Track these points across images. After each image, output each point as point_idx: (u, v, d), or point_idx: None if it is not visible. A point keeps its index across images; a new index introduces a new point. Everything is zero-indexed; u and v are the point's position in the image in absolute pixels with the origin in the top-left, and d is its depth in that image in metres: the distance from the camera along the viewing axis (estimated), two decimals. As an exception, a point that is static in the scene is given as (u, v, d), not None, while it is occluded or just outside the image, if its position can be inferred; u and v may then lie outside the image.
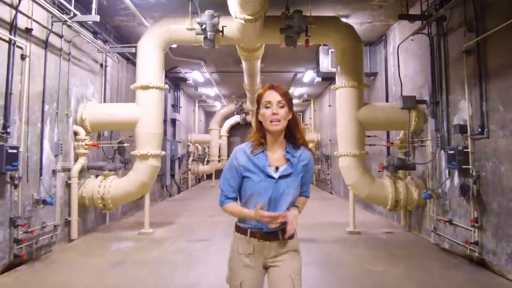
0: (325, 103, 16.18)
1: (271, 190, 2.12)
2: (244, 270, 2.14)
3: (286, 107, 2.11)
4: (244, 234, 2.17)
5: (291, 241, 2.20)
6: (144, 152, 6.72)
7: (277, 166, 2.14)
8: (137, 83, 6.92)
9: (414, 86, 7.33)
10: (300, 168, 2.18)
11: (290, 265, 2.16)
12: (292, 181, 2.15)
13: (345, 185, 13.22)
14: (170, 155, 13.33)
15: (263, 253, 2.15)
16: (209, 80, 13.70)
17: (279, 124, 2.09)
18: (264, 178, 2.12)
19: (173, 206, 11.10)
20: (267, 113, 2.09)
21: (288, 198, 2.15)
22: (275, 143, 2.17)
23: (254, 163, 2.15)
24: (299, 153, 2.18)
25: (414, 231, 7.28)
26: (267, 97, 2.12)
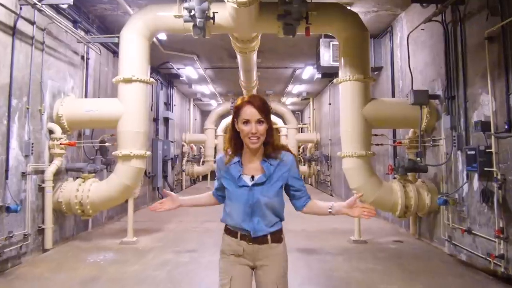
0: (325, 101, 15.52)
1: (245, 198, 2.16)
2: (233, 268, 2.20)
3: (265, 123, 2.13)
4: (234, 237, 2.22)
5: (279, 245, 2.24)
6: (126, 152, 6.04)
7: (253, 175, 2.18)
8: (119, 75, 6.24)
9: (424, 80, 6.67)
10: (278, 175, 2.20)
11: (276, 270, 2.21)
12: (267, 189, 2.17)
13: (347, 187, 12.56)
14: (162, 155, 12.64)
15: (252, 255, 2.20)
16: (203, 76, 13.03)
17: (257, 143, 2.13)
18: (237, 188, 2.19)
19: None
20: (246, 130, 2.10)
21: (265, 207, 2.16)
22: (253, 152, 2.19)
23: (229, 172, 2.23)
24: (278, 159, 2.20)
25: (424, 239, 6.63)
26: (245, 114, 2.11)
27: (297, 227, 7.51)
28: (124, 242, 6.25)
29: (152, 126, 12.12)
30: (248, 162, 2.22)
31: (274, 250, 2.21)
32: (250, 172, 2.19)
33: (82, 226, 7.31)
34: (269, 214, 2.18)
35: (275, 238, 2.21)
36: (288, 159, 2.23)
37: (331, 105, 14.48)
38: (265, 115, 2.13)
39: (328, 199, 13.22)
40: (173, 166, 14.95)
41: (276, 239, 2.22)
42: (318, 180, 17.38)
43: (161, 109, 13.12)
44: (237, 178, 2.19)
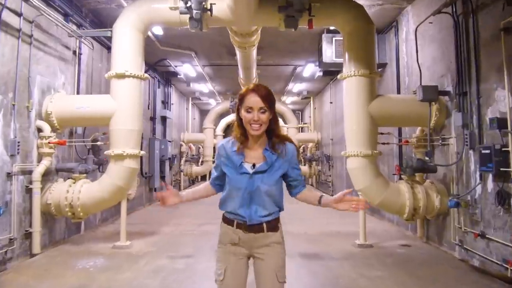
0: (326, 100, 15.20)
1: (245, 185, 2.17)
2: (229, 257, 2.21)
3: (268, 112, 2.14)
4: (230, 225, 2.23)
5: (275, 233, 2.25)
6: (119, 151, 5.71)
7: (254, 163, 2.20)
8: (111, 71, 5.92)
9: (432, 76, 6.35)
10: (279, 164, 2.21)
11: (273, 259, 2.21)
12: (268, 177, 2.18)
13: (349, 187, 12.18)
14: (160, 155, 12.31)
15: (248, 244, 2.20)
16: (201, 74, 12.70)
17: (259, 129, 2.14)
18: (238, 174, 2.19)
19: (159, 211, 10.08)
20: (248, 117, 2.13)
21: (264, 194, 2.17)
22: (255, 140, 2.21)
23: (231, 159, 2.23)
24: (281, 149, 2.22)
25: (433, 243, 6.31)
26: (249, 102, 2.14)
27: (298, 229, 7.20)
28: (117, 247, 5.93)
29: (149, 125, 11.80)
30: (250, 150, 2.23)
31: (270, 239, 2.22)
32: (252, 160, 2.21)
33: (74, 229, 6.98)
34: (268, 202, 2.19)
35: (271, 227, 2.22)
36: (290, 149, 2.26)
37: (332, 104, 14.17)
38: (268, 104, 2.15)
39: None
40: (171, 166, 14.63)
41: (272, 228, 2.23)
42: (319, 180, 17.07)
43: (159, 107, 12.80)
44: (238, 165, 2.20)
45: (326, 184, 15.19)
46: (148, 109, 11.62)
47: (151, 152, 11.71)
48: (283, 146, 2.24)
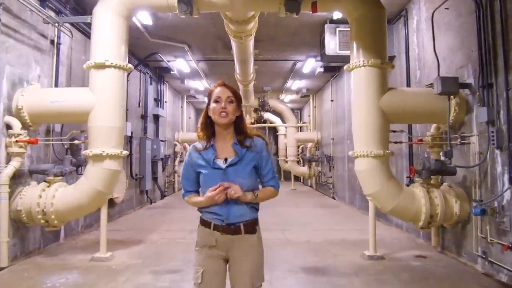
0: (327, 98, 14.57)
1: (219, 180, 2.15)
2: (206, 260, 2.21)
3: (235, 103, 2.23)
4: (207, 227, 2.23)
5: (253, 236, 2.24)
6: (97, 151, 5.04)
7: (226, 157, 2.22)
8: (90, 60, 5.25)
9: (449, 67, 5.71)
10: (250, 157, 2.24)
11: (250, 262, 2.21)
12: (241, 169, 2.21)
13: (351, 189, 11.66)
14: (151, 155, 11.65)
15: (225, 246, 2.20)
16: (196, 70, 12.03)
17: (227, 117, 2.19)
18: (212, 170, 2.22)
19: (150, 215, 9.42)
20: (217, 107, 2.20)
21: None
22: (224, 136, 2.27)
23: (203, 157, 2.25)
24: (249, 143, 2.26)
25: (449, 254, 5.67)
26: (217, 93, 2.23)
27: (300, 238, 6.55)
28: (95, 259, 5.25)
29: (140, 123, 11.13)
30: (221, 147, 2.26)
31: (247, 242, 2.21)
32: (223, 155, 2.24)
33: (52, 237, 6.30)
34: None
35: (248, 229, 2.21)
36: (258, 142, 2.29)
37: (333, 102, 13.54)
38: (235, 96, 2.24)
39: (330, 202, 12.25)
40: (164, 167, 13.95)
41: (250, 230, 2.22)
42: (318, 181, 16.42)
43: (151, 105, 12.13)
44: (211, 161, 2.22)
45: (327, 186, 14.55)
46: (138, 107, 10.97)
47: (142, 152, 11.05)
48: (251, 140, 2.27)
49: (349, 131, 11.64)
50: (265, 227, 2.67)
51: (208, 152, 2.24)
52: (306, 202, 12.14)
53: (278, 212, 9.50)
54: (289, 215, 9.20)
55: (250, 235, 2.22)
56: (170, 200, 12.74)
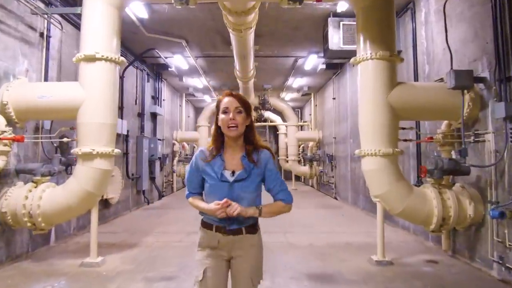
0: (328, 96, 14.24)
1: (225, 193, 2.16)
2: (208, 259, 2.22)
3: (244, 113, 2.20)
4: (209, 229, 2.25)
5: (254, 236, 2.26)
6: (87, 149, 4.72)
7: (233, 170, 2.21)
8: (79, 53, 4.93)
9: (461, 61, 5.38)
10: (258, 172, 2.23)
11: (250, 260, 2.23)
12: (247, 185, 2.20)
13: (355, 190, 11.34)
14: (149, 154, 11.32)
15: (227, 247, 2.22)
16: (194, 67, 11.71)
17: (236, 130, 2.17)
18: (219, 182, 2.20)
19: (147, 217, 9.09)
20: (225, 119, 2.17)
21: (244, 202, 2.18)
22: (233, 147, 2.25)
23: (211, 166, 2.23)
24: (257, 156, 2.24)
25: (461, 258, 5.34)
26: (225, 103, 2.19)
27: (302, 241, 6.23)
28: (86, 264, 4.92)
29: (137, 122, 10.81)
30: (230, 158, 2.23)
31: (249, 241, 2.23)
32: (231, 167, 2.21)
33: (41, 240, 5.98)
34: None
35: (249, 230, 2.24)
36: (263, 156, 2.26)
37: (335, 100, 13.22)
38: (244, 107, 2.20)
39: (332, 202, 11.93)
40: (162, 166, 13.63)
41: (251, 231, 2.25)
42: (320, 181, 16.09)
43: (148, 103, 11.80)
44: (219, 172, 2.20)
45: (329, 186, 14.23)
46: (135, 105, 10.64)
47: (138, 151, 10.72)
48: (257, 154, 2.25)
49: (352, 129, 11.34)
50: (265, 229, 2.56)
51: (216, 162, 2.23)
52: (308, 202, 11.82)
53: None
54: (290, 217, 8.81)
55: (251, 235, 2.25)
56: (168, 201, 12.42)
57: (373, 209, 9.31)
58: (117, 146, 8.96)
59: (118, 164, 9.26)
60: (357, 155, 5.16)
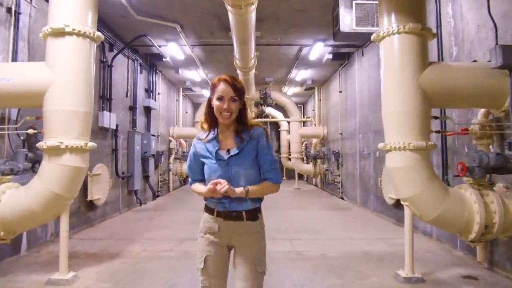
0: (334, 89, 13.39)
1: (222, 171, 2.19)
2: (209, 247, 2.22)
3: (238, 101, 2.20)
4: (211, 214, 2.25)
5: (255, 223, 2.24)
6: (54, 143, 3.89)
7: (228, 148, 2.24)
8: (46, 26, 4.08)
9: (503, 37, 4.51)
10: (251, 148, 2.24)
11: (252, 248, 2.21)
12: (242, 160, 2.21)
13: (364, 189, 10.49)
14: (141, 151, 10.48)
15: (228, 233, 2.22)
16: (191, 57, 10.85)
17: (229, 118, 2.20)
18: (215, 161, 2.23)
19: (137, 219, 8.25)
20: (219, 105, 2.17)
21: (242, 179, 2.19)
22: (227, 128, 2.28)
23: (207, 148, 2.28)
24: (250, 133, 2.25)
25: (501, 271, 4.50)
26: (220, 91, 2.18)
27: (312, 251, 5.39)
28: (52, 282, 4.07)
29: (128, 116, 9.96)
30: (224, 138, 2.28)
31: (250, 229, 2.22)
32: (226, 147, 2.25)
33: (10, 249, 5.12)
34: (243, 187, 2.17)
35: (250, 216, 2.22)
36: (258, 131, 2.27)
37: (342, 93, 12.37)
38: (239, 94, 2.20)
39: (339, 203, 11.09)
40: (157, 164, 12.79)
41: (252, 217, 2.23)
42: (324, 180, 15.25)
43: (141, 96, 10.96)
44: (214, 152, 2.24)
45: (334, 185, 13.38)
46: (126, 97, 9.79)
47: (130, 147, 9.88)
48: (250, 131, 2.26)
49: (361, 124, 10.51)
50: (269, 236, 2.37)
51: (211, 143, 2.27)
52: (313, 203, 10.98)
53: (283, 216, 8.34)
54: (295, 220, 8.03)
55: (252, 222, 2.22)
56: (163, 201, 11.56)
57: (386, 211, 8.51)
58: (105, 141, 8.08)
59: (106, 161, 8.43)
60: (381, 149, 4.30)
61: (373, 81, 9.22)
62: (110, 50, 8.73)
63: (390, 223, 7.66)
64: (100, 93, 8.18)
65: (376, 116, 9.02)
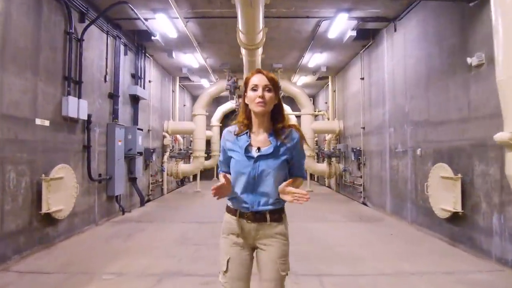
0: (354, 76, 11.52)
1: (249, 168, 2.12)
2: (232, 248, 2.17)
3: (273, 92, 2.15)
4: (233, 215, 2.18)
5: (279, 225, 2.17)
6: None
7: (259, 146, 2.16)
8: None
9: None
10: (285, 149, 2.15)
11: (276, 250, 2.14)
12: (273, 162, 2.13)
13: (397, 195, 8.39)
14: (125, 148, 8.66)
15: (251, 234, 2.15)
16: (185, 36, 9.02)
17: (264, 106, 2.12)
18: (243, 157, 2.15)
19: (112, 236, 6.42)
20: (253, 95, 2.13)
21: (269, 179, 2.11)
22: (260, 125, 2.19)
23: (237, 143, 2.20)
24: (285, 135, 2.16)
25: None
26: (254, 81, 2.15)
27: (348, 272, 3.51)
28: None
29: (107, 105, 8.14)
30: (256, 135, 2.20)
31: (273, 230, 2.15)
32: (257, 144, 2.17)
33: None
34: (272, 189, 2.10)
35: (274, 217, 2.15)
36: (295, 135, 2.18)
37: (364, 80, 10.48)
38: (273, 84, 2.14)
39: (364, 211, 9.21)
40: (148, 164, 10.97)
41: (276, 218, 2.15)
42: (340, 182, 13.38)
43: (125, 82, 9.15)
44: (244, 148, 2.16)
45: (353, 188, 11.51)
46: (105, 82, 7.97)
47: (109, 144, 8.06)
48: (288, 132, 2.17)
49: (392, 115, 8.63)
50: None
51: (242, 138, 2.19)
52: (333, 211, 9.13)
53: (299, 231, 6.50)
54: (318, 238, 6.20)
55: (276, 223, 2.14)
56: (152, 208, 9.70)
57: (433, 226, 6.61)
58: (72, 136, 6.24)
59: (75, 161, 6.62)
60: (497, 141, 2.43)
61: (412, 60, 7.34)
62: (81, 21, 6.91)
63: (443, 243, 5.80)
64: (65, 73, 6.36)
65: (417, 104, 7.14)
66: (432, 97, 6.61)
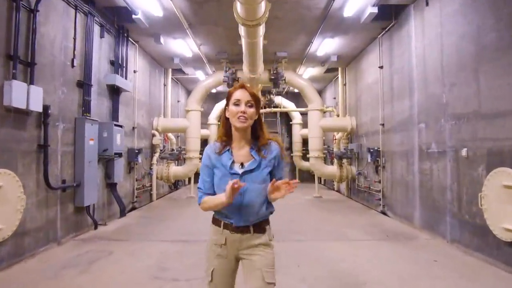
0: (369, 66, 10.02)
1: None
2: (216, 260, 2.18)
3: (254, 108, 2.17)
4: (218, 226, 2.20)
5: (263, 235, 2.17)
6: None
7: (242, 162, 2.17)
8: None
9: None
10: (266, 163, 2.18)
11: (260, 258, 2.13)
12: (257, 176, 2.15)
13: (430, 206, 6.23)
14: (99, 149, 7.17)
15: (235, 245, 2.16)
16: (173, 13, 7.54)
17: (246, 122, 2.14)
18: (228, 174, 2.14)
19: (66, 265, 4.89)
20: (236, 110, 2.14)
21: (252, 194, 2.11)
22: (241, 140, 2.20)
23: (220, 160, 2.20)
24: (266, 148, 2.21)
25: None
26: (237, 95, 2.16)
27: None
28: None
29: (76, 95, 6.65)
30: (237, 150, 2.21)
31: (257, 241, 2.15)
32: (240, 160, 2.18)
33: None
34: (258, 204, 2.13)
35: (257, 229, 2.16)
36: (273, 147, 2.23)
37: (384, 69, 8.98)
38: (255, 100, 2.16)
39: (388, 224, 7.69)
40: (132, 166, 9.48)
41: (259, 230, 2.17)
42: (353, 186, 11.86)
43: (101, 70, 7.66)
44: (228, 166, 2.15)
45: (370, 194, 10.00)
46: (72, 67, 6.48)
47: (78, 142, 6.58)
48: (267, 146, 2.21)
49: (422, 108, 6.97)
50: None
51: (225, 156, 2.18)
52: (350, 224, 7.62)
53: (314, 255, 4.98)
54: (342, 270, 4.67)
55: (260, 234, 2.16)
56: (134, 220, 8.16)
57: (484, 247, 4.98)
58: (20, 132, 4.66)
59: (26, 164, 5.15)
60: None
61: (453, 38, 5.84)
62: (36, -13, 5.43)
63: (507, 274, 4.30)
64: (9, 51, 4.88)
65: (461, 92, 5.63)
66: (485, 82, 5.11)
